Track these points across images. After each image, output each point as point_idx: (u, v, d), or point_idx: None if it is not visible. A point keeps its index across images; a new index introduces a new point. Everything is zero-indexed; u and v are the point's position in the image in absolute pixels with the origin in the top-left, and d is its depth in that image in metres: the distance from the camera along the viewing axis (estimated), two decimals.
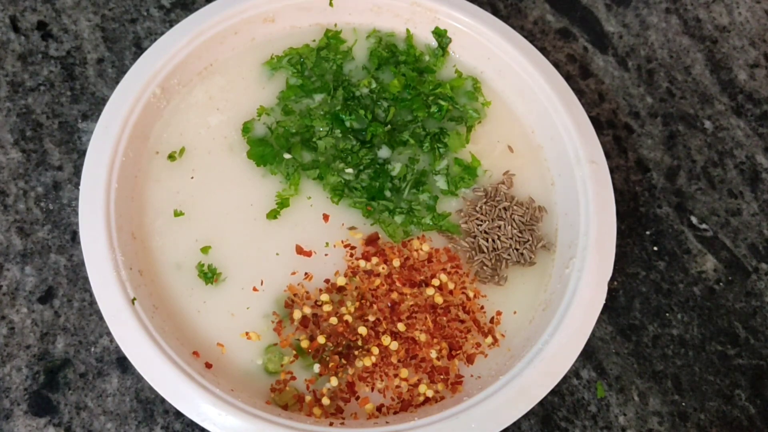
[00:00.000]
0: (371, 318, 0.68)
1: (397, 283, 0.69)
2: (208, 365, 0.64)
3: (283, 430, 0.59)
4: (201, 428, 0.63)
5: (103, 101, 0.72)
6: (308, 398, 0.64)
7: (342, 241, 0.71)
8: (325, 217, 0.72)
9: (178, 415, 0.67)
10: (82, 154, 0.71)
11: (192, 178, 0.73)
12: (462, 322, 0.69)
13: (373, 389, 0.65)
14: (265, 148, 0.74)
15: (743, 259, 0.80)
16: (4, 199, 0.74)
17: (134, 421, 0.67)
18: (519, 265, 0.72)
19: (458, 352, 0.67)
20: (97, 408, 0.67)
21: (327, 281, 0.70)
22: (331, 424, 0.62)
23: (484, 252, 0.72)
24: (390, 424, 0.62)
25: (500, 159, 0.77)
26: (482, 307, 0.70)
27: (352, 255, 0.71)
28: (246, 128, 0.75)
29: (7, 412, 0.66)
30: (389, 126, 0.76)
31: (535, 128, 0.78)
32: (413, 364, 0.67)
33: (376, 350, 0.66)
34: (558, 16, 0.92)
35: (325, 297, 0.68)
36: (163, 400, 0.67)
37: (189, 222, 0.71)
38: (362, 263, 0.70)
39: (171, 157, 0.73)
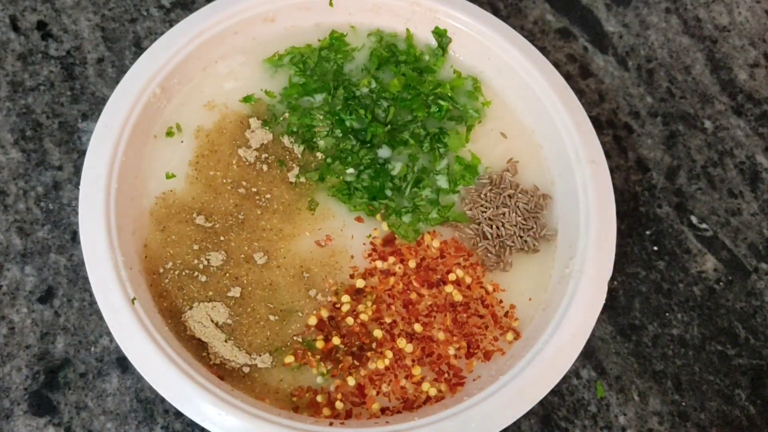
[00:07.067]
0: (387, 320, 0.68)
1: (415, 283, 0.69)
2: (221, 377, 0.65)
3: (283, 429, 0.59)
4: (201, 428, 0.63)
5: (103, 101, 0.72)
6: (320, 398, 0.65)
7: (370, 237, 0.72)
8: (359, 219, 0.73)
9: (178, 415, 0.67)
10: (82, 154, 0.71)
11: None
12: (481, 317, 0.69)
13: (378, 393, 0.65)
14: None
15: (743, 258, 0.80)
16: (4, 199, 0.74)
17: (134, 421, 0.67)
18: (523, 252, 0.72)
19: (476, 350, 0.68)
20: (97, 408, 0.67)
21: (351, 276, 0.70)
22: (330, 424, 0.62)
23: (488, 239, 0.72)
24: (390, 423, 0.62)
25: (501, 158, 0.77)
26: (501, 301, 0.70)
27: (370, 255, 0.71)
28: (247, 99, 0.76)
29: (7, 411, 0.66)
30: (389, 126, 0.76)
31: (535, 128, 0.78)
32: (428, 362, 0.67)
33: (390, 354, 0.66)
34: (558, 16, 0.92)
35: (345, 298, 0.68)
36: (163, 400, 0.67)
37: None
38: (379, 263, 0.70)
39: (169, 134, 0.73)
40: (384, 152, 0.76)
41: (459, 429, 0.61)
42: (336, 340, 0.66)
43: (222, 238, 0.70)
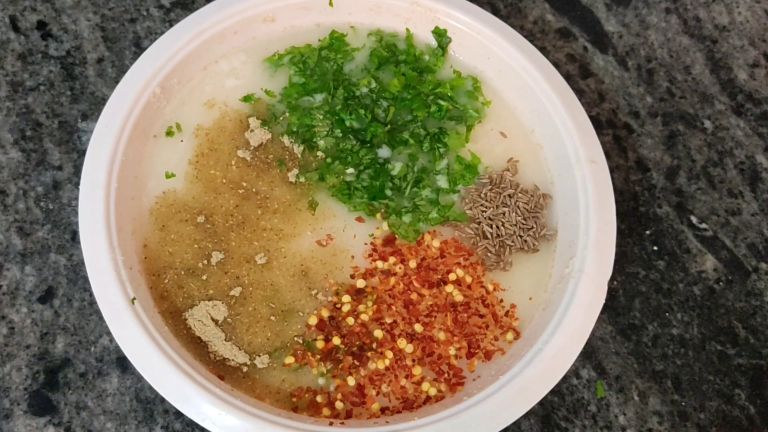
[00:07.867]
0: (388, 320, 0.68)
1: (415, 283, 0.69)
2: (221, 377, 0.65)
3: (283, 429, 0.59)
4: (201, 428, 0.63)
5: (103, 101, 0.72)
6: (320, 399, 0.65)
7: (372, 237, 0.72)
8: (360, 219, 0.73)
9: (178, 414, 0.67)
10: (82, 153, 0.71)
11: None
12: (482, 316, 0.69)
13: (378, 393, 0.65)
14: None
15: (743, 258, 0.80)
16: (4, 198, 0.74)
17: (134, 421, 0.67)
18: (523, 251, 0.72)
19: (477, 350, 0.68)
20: (97, 408, 0.67)
21: (352, 276, 0.70)
22: (330, 424, 0.62)
23: (488, 238, 0.72)
24: (390, 423, 0.62)
25: (501, 158, 0.77)
26: (501, 301, 0.70)
27: (371, 255, 0.71)
28: (247, 98, 0.76)
29: (7, 411, 0.66)
30: (389, 126, 0.76)
31: (535, 128, 0.78)
32: (428, 362, 0.67)
33: (390, 354, 0.66)
34: (558, 15, 0.92)
35: (346, 298, 0.68)
36: (163, 400, 0.67)
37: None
38: (380, 264, 0.70)
39: (169, 133, 0.73)
40: (384, 152, 0.76)
41: (459, 429, 0.61)
42: (336, 340, 0.66)
43: (222, 238, 0.70)
